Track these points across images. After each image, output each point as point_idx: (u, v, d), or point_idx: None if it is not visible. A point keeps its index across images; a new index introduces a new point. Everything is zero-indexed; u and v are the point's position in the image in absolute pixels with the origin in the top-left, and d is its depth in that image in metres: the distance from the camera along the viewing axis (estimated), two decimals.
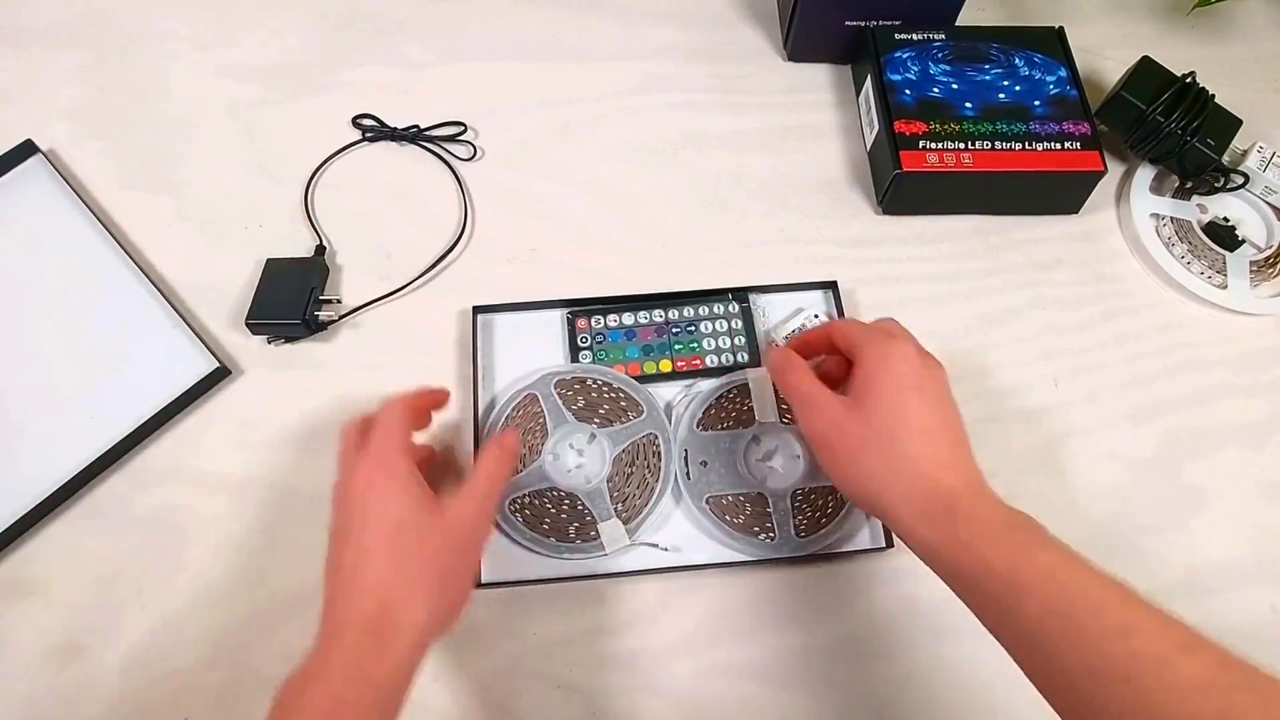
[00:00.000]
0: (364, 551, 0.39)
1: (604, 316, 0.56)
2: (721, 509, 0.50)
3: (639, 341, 0.55)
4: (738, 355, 0.55)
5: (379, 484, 0.40)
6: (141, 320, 0.55)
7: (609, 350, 0.55)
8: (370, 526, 0.39)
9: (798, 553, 0.49)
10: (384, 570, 0.38)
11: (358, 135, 0.63)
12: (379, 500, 0.40)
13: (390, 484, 0.40)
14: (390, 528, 0.39)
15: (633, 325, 0.56)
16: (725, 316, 0.56)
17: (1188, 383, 0.57)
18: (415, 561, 0.39)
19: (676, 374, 0.54)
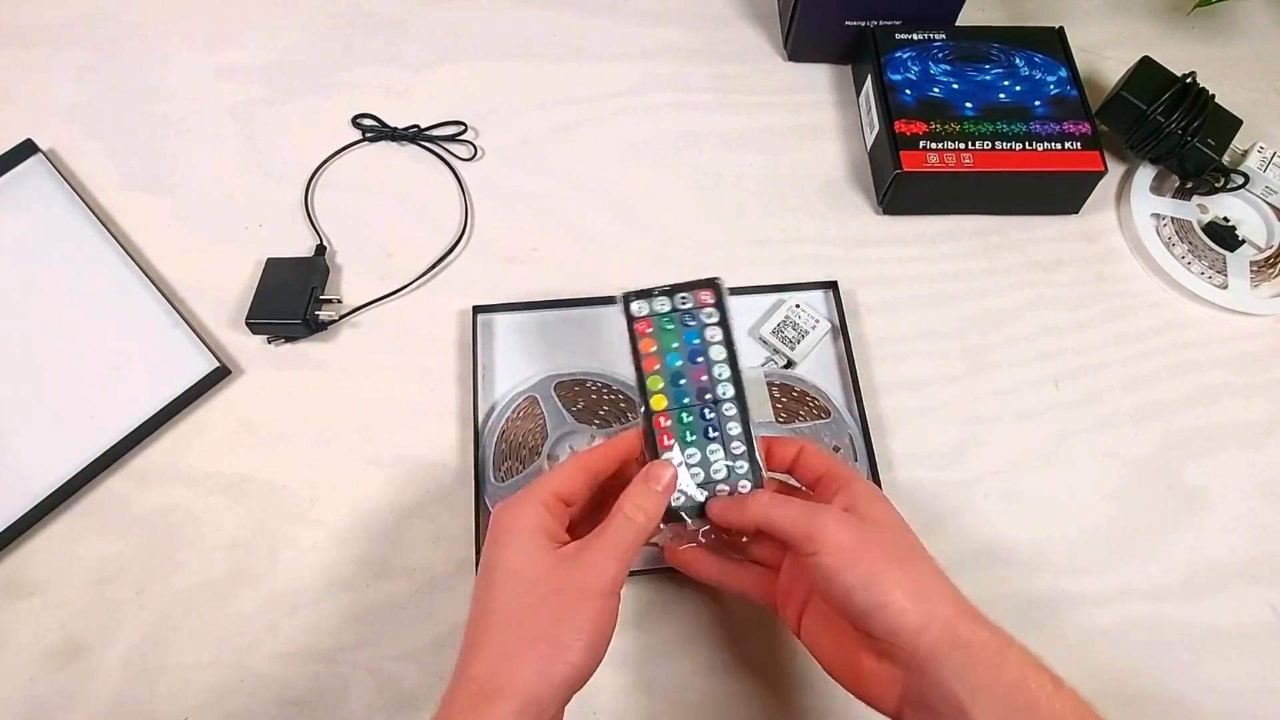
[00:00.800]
0: (480, 610, 0.37)
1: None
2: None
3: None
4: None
5: (500, 536, 0.38)
6: (141, 320, 0.55)
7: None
8: (488, 583, 0.38)
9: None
10: (495, 633, 0.36)
11: (358, 135, 0.63)
12: (498, 553, 0.38)
13: (510, 536, 0.38)
14: (506, 583, 0.37)
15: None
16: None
17: (1188, 383, 0.57)
18: (528, 622, 0.36)
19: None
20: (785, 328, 0.54)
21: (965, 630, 0.35)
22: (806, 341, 0.54)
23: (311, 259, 0.57)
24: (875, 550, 0.37)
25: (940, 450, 0.54)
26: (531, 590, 0.37)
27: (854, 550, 0.37)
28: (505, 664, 0.35)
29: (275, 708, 0.46)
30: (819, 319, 0.54)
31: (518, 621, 0.36)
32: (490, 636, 0.36)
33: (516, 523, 0.38)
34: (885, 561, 0.37)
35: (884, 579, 0.36)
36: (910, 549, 0.38)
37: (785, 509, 0.39)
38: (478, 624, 0.37)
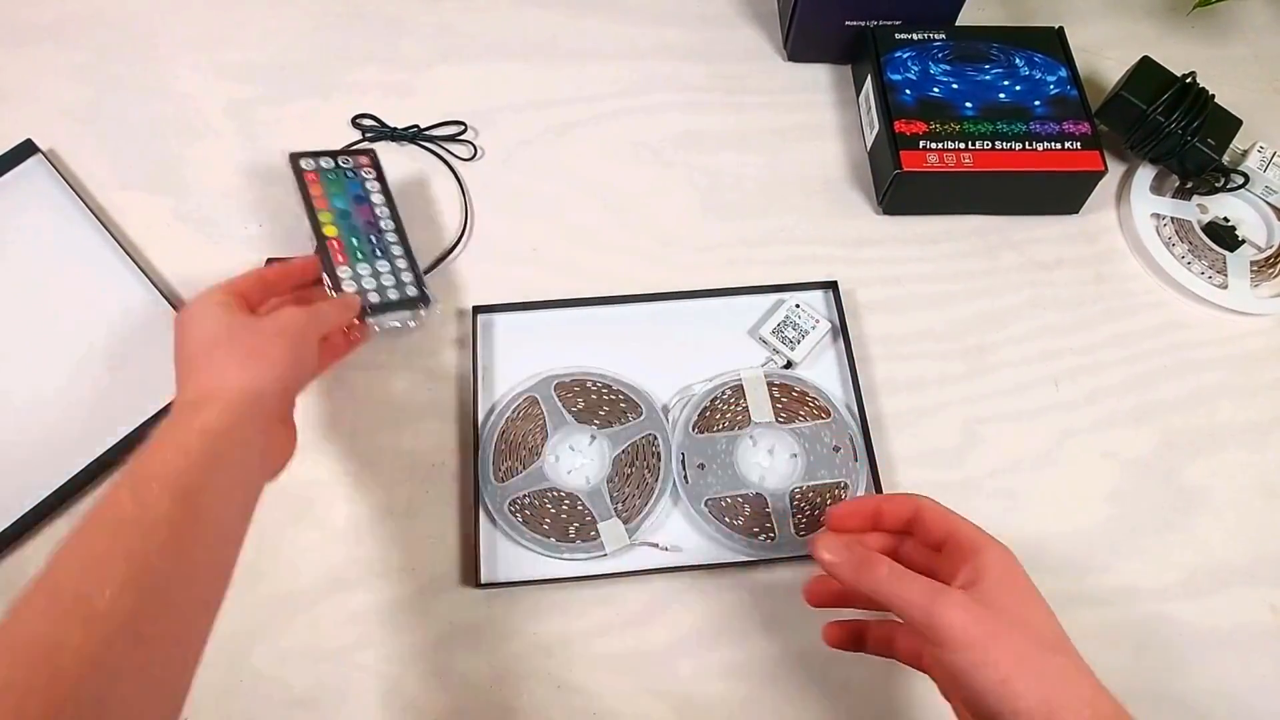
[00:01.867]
0: (181, 360, 0.42)
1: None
2: (721, 511, 0.50)
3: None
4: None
5: (194, 310, 0.43)
6: (141, 320, 0.55)
7: None
8: (181, 342, 0.42)
9: (798, 552, 0.49)
10: (196, 363, 0.41)
11: (358, 135, 0.63)
12: (186, 322, 0.43)
13: (199, 308, 0.43)
14: (197, 339, 0.42)
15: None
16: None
17: (1188, 383, 0.57)
18: (225, 347, 0.41)
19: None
20: (785, 328, 0.54)
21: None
22: (806, 342, 0.54)
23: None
24: (1002, 646, 0.34)
25: (940, 450, 0.54)
26: (225, 329, 0.42)
27: (978, 648, 0.34)
28: (214, 377, 0.40)
29: (276, 708, 0.46)
30: (819, 319, 0.54)
31: (217, 349, 0.41)
32: (191, 365, 0.41)
33: (200, 302, 0.43)
34: (1013, 662, 0.33)
35: (1011, 686, 0.33)
36: (1041, 643, 0.35)
37: (904, 588, 0.36)
38: (185, 367, 0.41)
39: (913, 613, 0.35)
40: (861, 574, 0.37)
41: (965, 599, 0.35)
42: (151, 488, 0.35)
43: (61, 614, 0.31)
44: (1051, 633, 0.36)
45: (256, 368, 0.41)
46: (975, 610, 0.34)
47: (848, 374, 0.55)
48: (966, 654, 0.34)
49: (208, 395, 0.39)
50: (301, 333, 0.44)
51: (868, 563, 0.37)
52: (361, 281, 0.52)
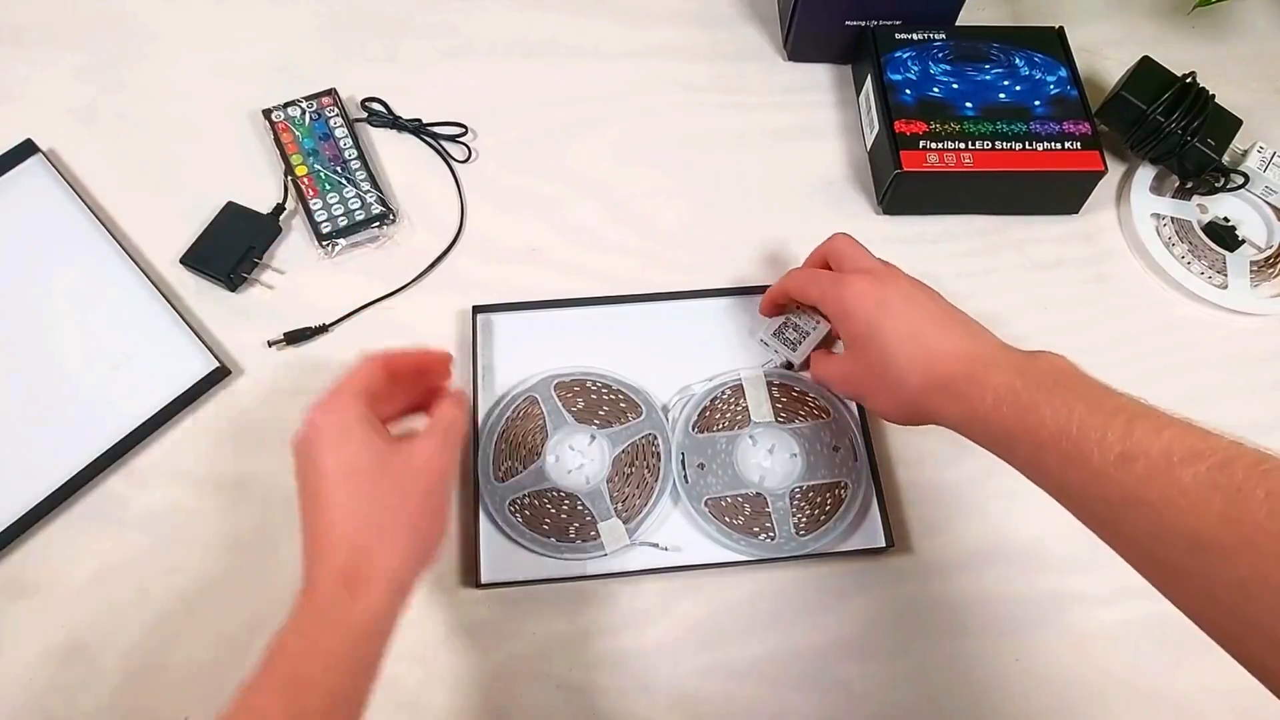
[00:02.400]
0: (325, 506, 0.38)
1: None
2: (721, 510, 0.50)
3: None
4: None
5: (326, 433, 0.38)
6: (141, 320, 0.55)
7: None
8: (325, 479, 0.38)
9: (798, 552, 0.49)
10: (348, 521, 0.37)
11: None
12: (330, 450, 0.38)
13: (337, 433, 0.38)
14: (345, 477, 0.38)
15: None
16: None
17: (1188, 383, 0.57)
18: (377, 507, 0.38)
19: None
20: (786, 329, 0.54)
21: (942, 420, 0.42)
22: (807, 343, 0.54)
23: (265, 216, 0.59)
24: (871, 390, 0.47)
25: (940, 450, 0.54)
26: (376, 482, 0.38)
27: (858, 396, 0.49)
28: (373, 547, 0.37)
29: None
30: (819, 320, 0.54)
31: (374, 505, 0.37)
32: (348, 519, 0.37)
33: (341, 419, 0.39)
34: (881, 399, 0.46)
35: (876, 402, 0.47)
36: (891, 383, 0.44)
37: (822, 367, 0.51)
38: (325, 520, 0.37)
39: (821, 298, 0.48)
40: (792, 285, 0.51)
41: (845, 367, 0.49)
42: (305, 701, 0.34)
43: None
44: (905, 370, 0.43)
45: (410, 546, 0.38)
46: (849, 369, 0.48)
47: None
48: (855, 399, 0.49)
49: (358, 577, 0.36)
50: (448, 486, 0.41)
51: (811, 278, 0.49)
52: (331, 209, 0.57)
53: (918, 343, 0.43)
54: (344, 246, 0.58)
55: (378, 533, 0.37)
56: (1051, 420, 0.37)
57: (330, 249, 0.58)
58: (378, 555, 0.37)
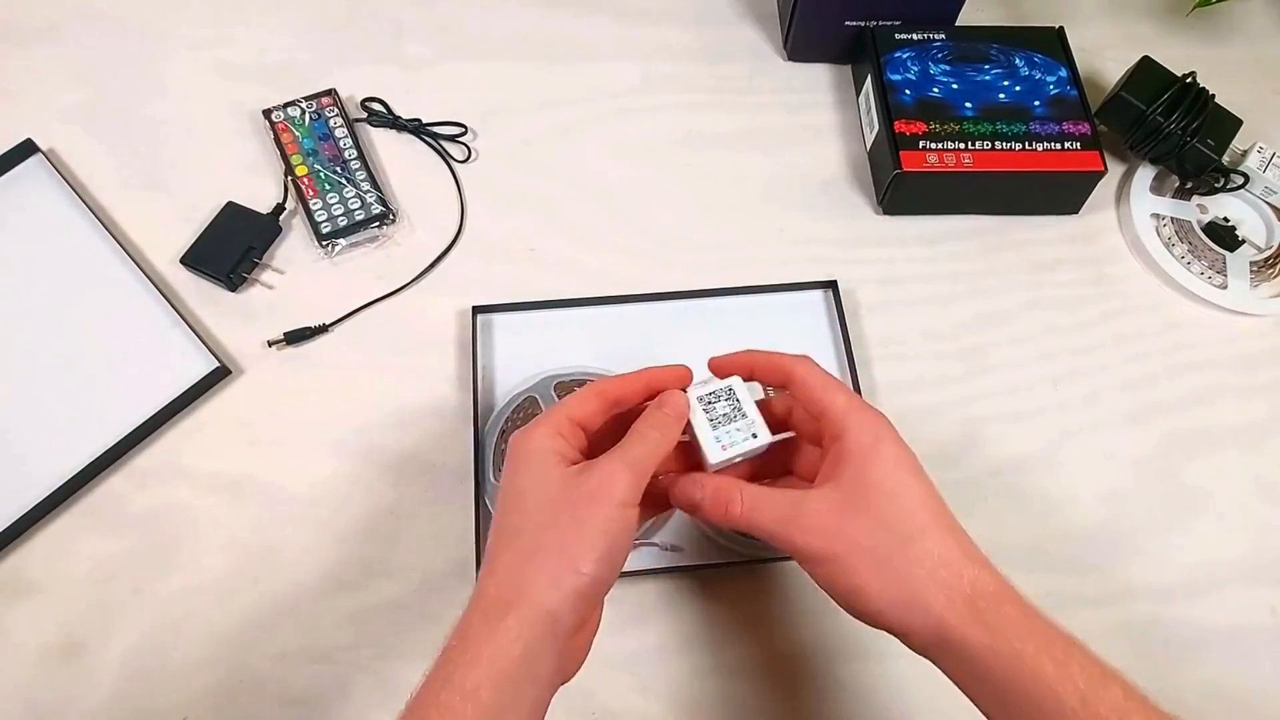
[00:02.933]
0: (495, 533, 0.37)
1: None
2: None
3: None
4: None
5: (514, 462, 0.38)
6: (141, 320, 0.55)
7: None
8: (502, 507, 0.37)
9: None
10: (504, 552, 0.36)
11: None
12: (511, 478, 0.37)
13: (522, 461, 0.37)
14: (516, 506, 0.37)
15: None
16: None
17: (1188, 383, 0.57)
18: (534, 537, 0.35)
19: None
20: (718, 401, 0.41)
21: (954, 629, 0.34)
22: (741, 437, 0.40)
23: (265, 216, 0.58)
24: (854, 552, 0.35)
25: (940, 450, 0.54)
26: (543, 507, 0.36)
27: (830, 560, 0.35)
28: (516, 578, 0.35)
29: (275, 708, 0.46)
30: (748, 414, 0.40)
31: (529, 536, 0.36)
32: (502, 555, 0.36)
33: (529, 446, 0.37)
34: (866, 566, 0.35)
35: (866, 592, 0.35)
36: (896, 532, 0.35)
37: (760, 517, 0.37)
38: (492, 546, 0.37)
39: (773, 541, 0.37)
40: (718, 515, 0.38)
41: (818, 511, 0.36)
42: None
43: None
44: (913, 520, 0.36)
45: (563, 579, 0.34)
46: (827, 522, 0.36)
47: (848, 374, 0.55)
48: (823, 567, 0.36)
49: (506, 604, 0.34)
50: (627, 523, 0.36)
51: (720, 502, 0.38)
52: (331, 209, 0.58)
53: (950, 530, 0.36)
54: (344, 246, 0.58)
55: (524, 567, 0.35)
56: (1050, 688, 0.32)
57: (330, 249, 0.58)
58: (522, 590, 0.34)
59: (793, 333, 0.57)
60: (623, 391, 0.40)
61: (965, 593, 0.34)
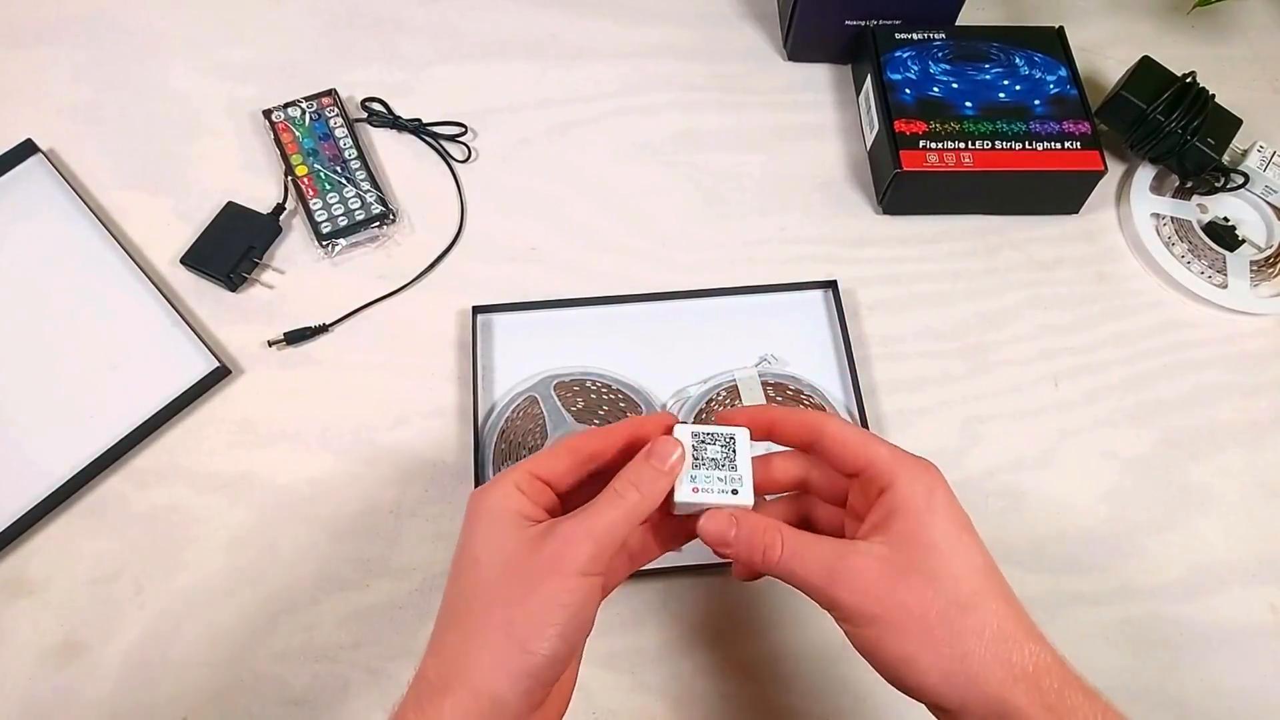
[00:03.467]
0: (444, 606, 0.34)
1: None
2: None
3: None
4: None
5: (469, 522, 0.34)
6: (141, 320, 0.55)
7: None
8: (454, 573, 0.34)
9: None
10: (450, 628, 0.32)
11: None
12: (465, 540, 0.34)
13: (477, 520, 0.34)
14: (467, 572, 0.33)
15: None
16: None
17: (1188, 383, 0.57)
18: (485, 608, 0.32)
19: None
20: (709, 445, 0.36)
21: (1018, 711, 0.30)
22: (743, 476, 0.36)
23: (265, 216, 0.59)
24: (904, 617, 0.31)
25: (940, 450, 0.54)
26: (495, 575, 0.32)
27: (877, 622, 0.31)
28: (457, 658, 0.31)
29: (275, 707, 0.46)
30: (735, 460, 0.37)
31: (477, 611, 0.32)
32: (447, 632, 0.32)
33: (485, 504, 0.34)
34: (917, 635, 0.31)
35: (916, 662, 0.31)
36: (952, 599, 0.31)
37: (800, 566, 0.33)
38: (439, 621, 0.33)
39: (812, 594, 0.33)
40: (753, 559, 0.34)
41: (863, 561, 0.32)
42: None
43: None
44: (968, 572, 0.32)
45: (509, 660, 0.31)
46: (876, 579, 0.32)
47: (847, 374, 0.55)
48: (867, 630, 0.32)
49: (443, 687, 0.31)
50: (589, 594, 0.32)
51: (756, 545, 0.34)
52: (331, 209, 0.58)
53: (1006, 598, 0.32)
54: (344, 246, 0.58)
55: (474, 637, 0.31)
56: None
57: (330, 249, 0.58)
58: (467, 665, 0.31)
59: (792, 332, 0.56)
60: (598, 446, 0.36)
61: (1028, 670, 0.31)
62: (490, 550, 0.33)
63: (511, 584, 0.32)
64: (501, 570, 0.32)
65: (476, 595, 0.32)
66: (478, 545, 0.33)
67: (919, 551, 0.32)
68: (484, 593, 0.32)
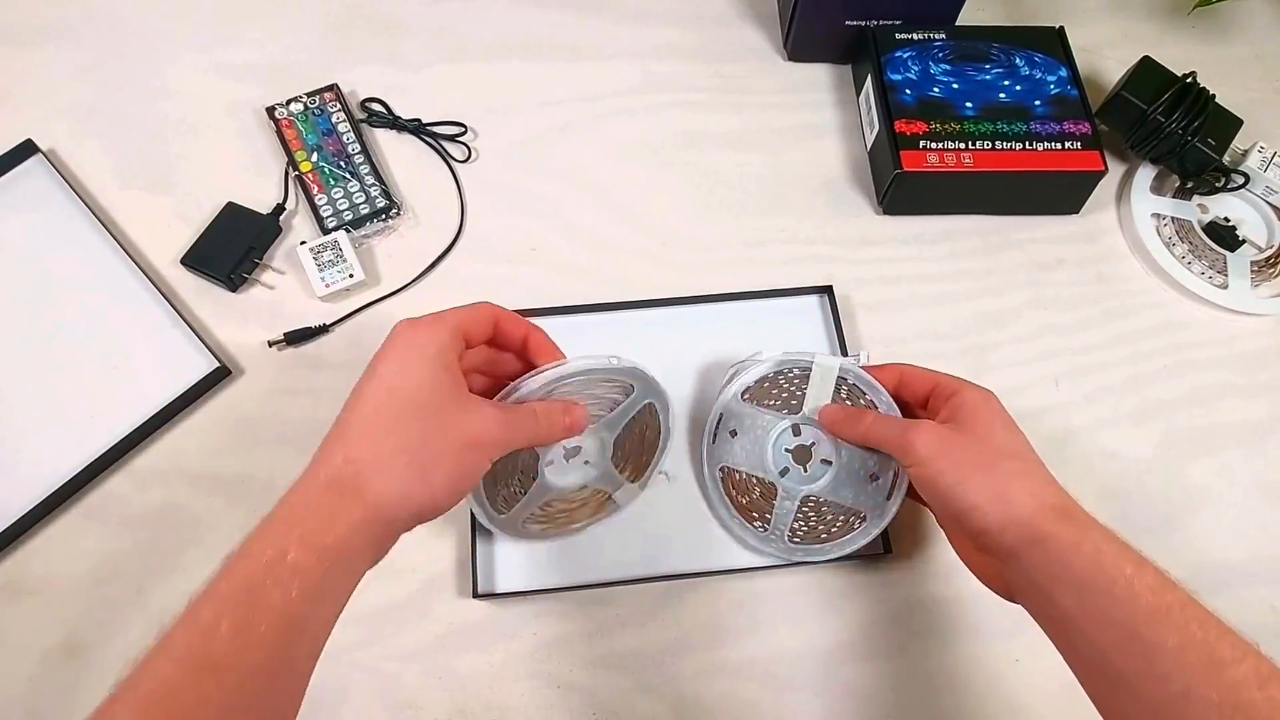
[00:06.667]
0: (354, 410, 0.36)
1: None
2: (732, 483, 0.50)
3: None
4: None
5: (399, 349, 0.37)
6: (141, 320, 0.55)
7: None
8: (372, 387, 0.36)
9: (782, 555, 0.49)
10: (366, 433, 0.35)
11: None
12: (394, 360, 0.37)
13: (410, 353, 0.37)
14: (390, 393, 0.36)
15: None
16: None
17: (1188, 383, 0.57)
18: (403, 436, 0.35)
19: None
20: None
21: (1044, 526, 0.37)
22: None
23: (265, 216, 0.59)
24: (960, 458, 0.40)
25: None
26: (417, 407, 0.36)
27: (939, 460, 0.40)
28: (371, 470, 0.34)
29: None
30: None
31: (396, 429, 0.35)
32: (363, 435, 0.35)
33: (418, 338, 0.37)
34: (969, 469, 0.40)
35: (966, 486, 0.39)
36: (996, 452, 0.41)
37: (883, 426, 0.44)
38: (354, 419, 0.36)
39: (890, 444, 0.43)
40: (854, 425, 0.46)
41: (932, 425, 0.42)
42: (258, 627, 0.31)
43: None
44: (1012, 445, 0.41)
45: (410, 489, 0.35)
46: (938, 431, 0.41)
47: None
48: (928, 466, 0.40)
49: (354, 492, 0.34)
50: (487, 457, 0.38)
51: (856, 415, 0.46)
52: (336, 204, 0.58)
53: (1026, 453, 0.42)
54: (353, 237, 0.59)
55: (387, 456, 0.35)
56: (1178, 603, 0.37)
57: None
58: (377, 478, 0.34)
59: (789, 336, 0.56)
60: (510, 328, 0.42)
61: (1053, 503, 0.38)
62: (423, 384, 0.36)
63: (431, 425, 0.36)
64: (424, 408, 0.36)
65: (401, 419, 0.35)
66: (410, 373, 0.36)
67: (975, 427, 0.41)
68: (410, 424, 0.35)
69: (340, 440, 0.36)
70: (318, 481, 0.34)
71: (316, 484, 0.34)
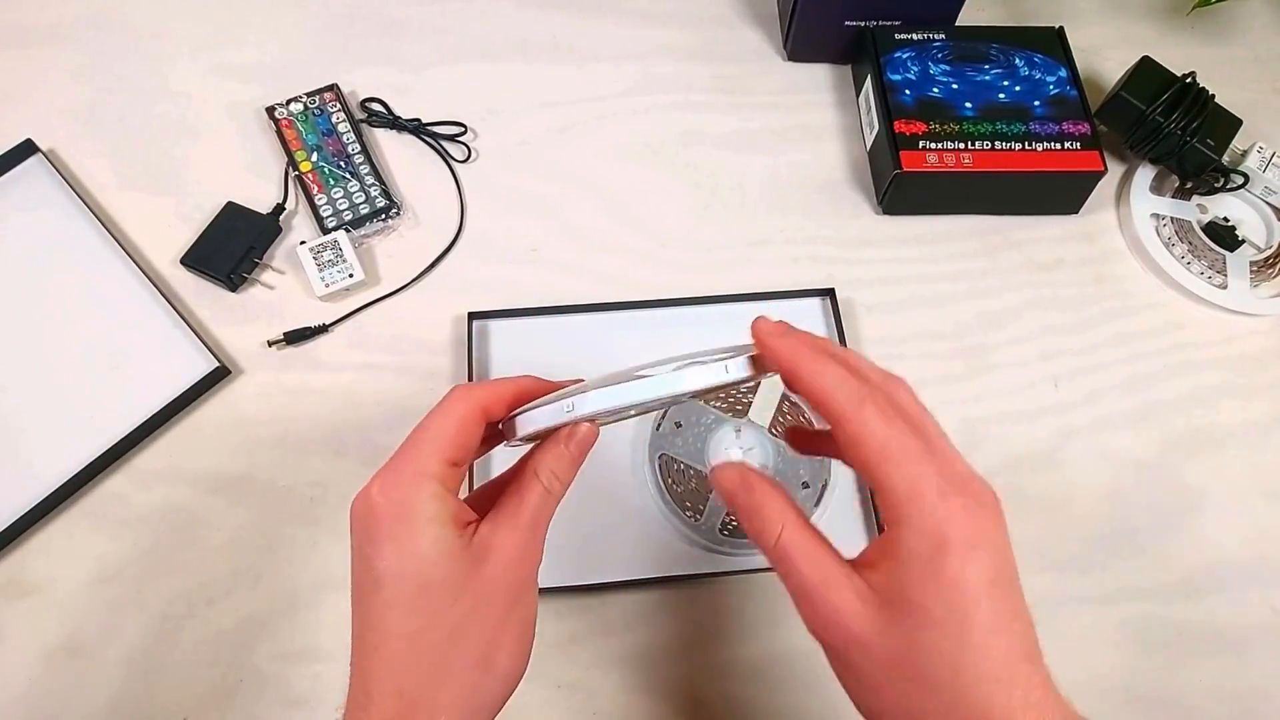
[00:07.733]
0: (376, 630, 0.30)
1: None
2: (668, 472, 0.51)
3: None
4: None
5: (385, 519, 0.29)
6: (141, 320, 0.55)
7: None
8: (380, 589, 0.29)
9: (713, 546, 0.50)
10: (406, 657, 0.29)
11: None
12: (389, 544, 0.29)
13: (398, 521, 0.29)
14: (406, 592, 0.29)
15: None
16: None
17: (1188, 383, 0.57)
18: (444, 637, 0.29)
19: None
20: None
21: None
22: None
23: (265, 216, 0.59)
24: (906, 692, 0.27)
25: None
26: (452, 603, 0.29)
27: (854, 668, 0.28)
28: (431, 688, 0.29)
29: (275, 707, 0.46)
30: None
31: (442, 642, 0.29)
32: (398, 670, 0.29)
33: (405, 500, 0.29)
34: (918, 694, 0.27)
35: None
36: (954, 670, 0.26)
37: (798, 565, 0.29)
38: (375, 652, 0.30)
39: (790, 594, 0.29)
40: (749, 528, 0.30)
41: (857, 612, 0.27)
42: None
43: None
44: (969, 649, 0.27)
45: (480, 688, 0.30)
46: (863, 627, 0.27)
47: None
48: (838, 664, 0.29)
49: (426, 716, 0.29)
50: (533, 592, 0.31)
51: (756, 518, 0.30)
52: (336, 204, 0.59)
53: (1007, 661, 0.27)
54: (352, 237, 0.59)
55: (437, 673, 0.29)
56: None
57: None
58: (445, 697, 0.29)
59: None
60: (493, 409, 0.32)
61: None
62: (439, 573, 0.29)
63: (477, 613, 0.30)
64: (460, 598, 0.29)
65: (437, 624, 0.29)
66: (417, 565, 0.29)
67: (913, 615, 0.27)
68: (447, 623, 0.29)
69: (380, 679, 0.30)
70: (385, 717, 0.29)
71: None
